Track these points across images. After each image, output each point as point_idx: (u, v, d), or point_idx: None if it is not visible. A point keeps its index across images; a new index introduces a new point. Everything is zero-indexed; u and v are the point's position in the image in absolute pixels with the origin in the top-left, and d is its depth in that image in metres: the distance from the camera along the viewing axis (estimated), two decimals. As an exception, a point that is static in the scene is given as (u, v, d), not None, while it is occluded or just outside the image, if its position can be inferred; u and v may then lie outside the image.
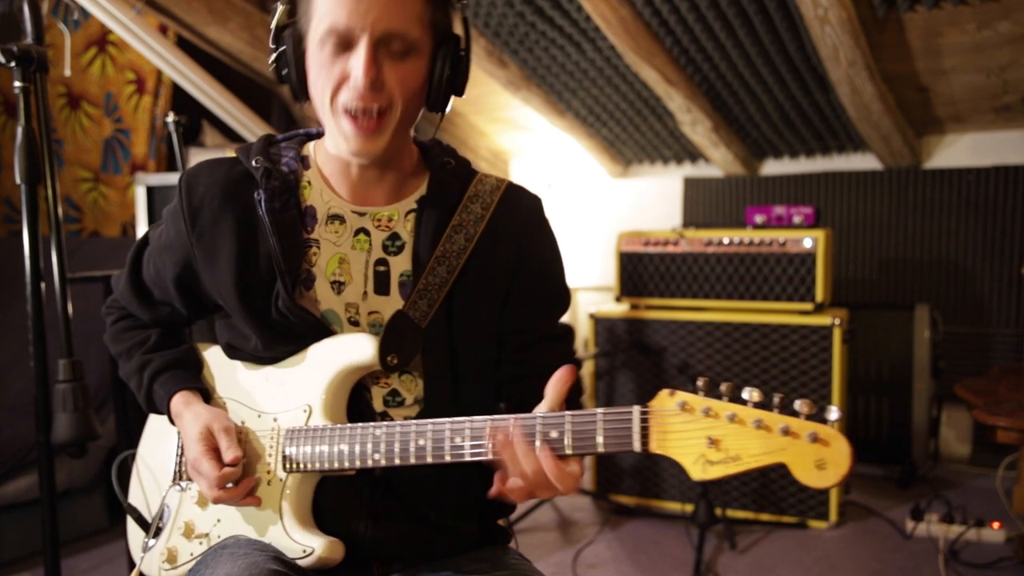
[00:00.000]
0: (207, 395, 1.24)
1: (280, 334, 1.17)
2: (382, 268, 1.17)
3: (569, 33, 3.41)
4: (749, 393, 0.90)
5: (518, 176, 4.80)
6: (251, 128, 3.62)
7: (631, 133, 4.21)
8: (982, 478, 3.42)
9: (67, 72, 3.40)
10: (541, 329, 1.22)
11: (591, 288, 4.58)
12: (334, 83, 1.08)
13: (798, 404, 0.88)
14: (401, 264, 1.18)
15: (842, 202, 3.88)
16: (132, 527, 1.32)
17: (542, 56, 3.62)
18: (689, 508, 2.97)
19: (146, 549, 1.25)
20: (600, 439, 0.96)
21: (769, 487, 2.98)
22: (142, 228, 3.14)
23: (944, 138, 3.74)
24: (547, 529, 3.06)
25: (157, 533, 1.24)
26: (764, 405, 0.90)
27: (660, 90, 3.54)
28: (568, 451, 0.98)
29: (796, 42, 3.10)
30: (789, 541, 2.86)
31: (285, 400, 1.17)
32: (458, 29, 1.15)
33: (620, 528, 3.04)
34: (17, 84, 1.54)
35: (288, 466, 1.14)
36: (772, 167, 4.20)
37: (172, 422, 1.23)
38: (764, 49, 3.20)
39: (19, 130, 1.54)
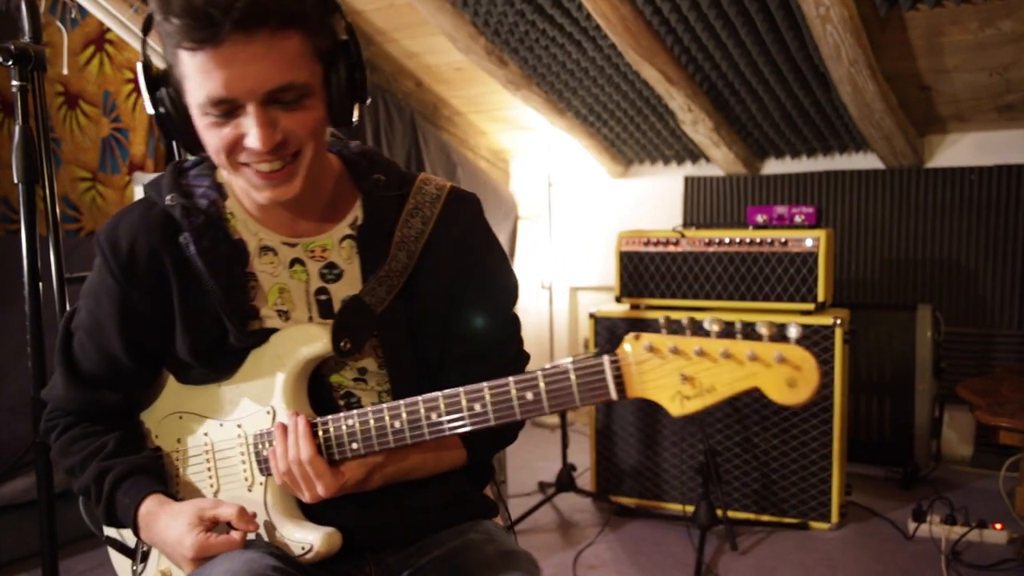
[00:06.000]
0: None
1: (233, 359, 1.14)
2: (323, 297, 1.16)
3: (569, 32, 3.39)
4: (710, 324, 0.91)
5: (519, 175, 4.79)
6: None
7: (632, 132, 4.19)
8: (984, 479, 3.41)
9: (65, 71, 3.38)
10: (488, 341, 1.20)
11: (591, 288, 4.57)
12: (227, 146, 1.01)
13: (759, 326, 0.90)
14: (342, 290, 1.15)
15: (844, 202, 3.87)
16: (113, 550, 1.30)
17: (542, 55, 3.61)
18: (690, 509, 2.95)
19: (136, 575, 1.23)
20: (576, 393, 0.97)
21: (770, 488, 2.97)
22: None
23: (946, 137, 3.73)
24: (547, 530, 3.05)
25: (144, 558, 1.22)
26: (727, 334, 0.91)
27: (661, 89, 3.52)
28: (546, 410, 0.99)
29: (798, 41, 3.08)
30: (790, 542, 2.85)
31: (245, 405, 1.15)
32: (343, 33, 1.07)
33: (621, 529, 3.02)
34: (15, 83, 1.53)
35: (265, 469, 1.13)
36: (773, 166, 4.19)
37: (137, 533, 1.15)
38: (765, 48, 3.19)
39: (17, 129, 1.53)
